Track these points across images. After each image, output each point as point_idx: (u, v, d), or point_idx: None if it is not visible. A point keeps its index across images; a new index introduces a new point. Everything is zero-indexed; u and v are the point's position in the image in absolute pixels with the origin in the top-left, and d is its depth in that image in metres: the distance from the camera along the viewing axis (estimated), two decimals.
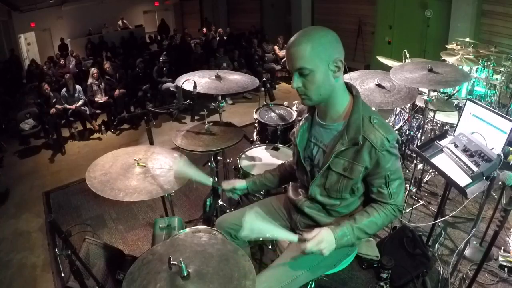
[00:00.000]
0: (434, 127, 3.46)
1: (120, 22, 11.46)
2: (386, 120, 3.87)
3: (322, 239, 1.29)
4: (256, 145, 2.67)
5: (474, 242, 2.52)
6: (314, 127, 1.45)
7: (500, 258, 2.35)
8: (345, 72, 1.35)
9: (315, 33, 1.25)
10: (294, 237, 1.32)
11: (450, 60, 3.93)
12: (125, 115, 5.50)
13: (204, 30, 10.02)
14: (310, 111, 1.48)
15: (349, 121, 1.31)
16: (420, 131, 3.19)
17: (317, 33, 1.25)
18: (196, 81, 2.40)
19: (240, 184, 1.73)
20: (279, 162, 2.37)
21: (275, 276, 1.43)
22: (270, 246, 2.50)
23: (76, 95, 5.31)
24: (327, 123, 1.39)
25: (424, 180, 3.30)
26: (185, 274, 1.18)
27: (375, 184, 1.36)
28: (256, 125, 2.85)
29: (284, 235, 1.32)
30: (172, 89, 5.79)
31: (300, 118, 1.54)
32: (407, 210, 2.87)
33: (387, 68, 2.97)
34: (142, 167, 1.86)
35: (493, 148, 1.94)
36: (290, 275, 1.43)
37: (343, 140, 1.31)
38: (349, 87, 1.38)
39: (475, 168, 1.83)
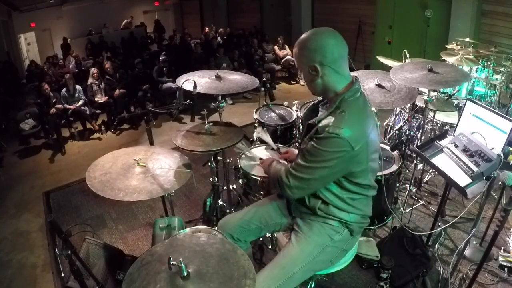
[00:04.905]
0: (434, 127, 3.45)
1: (129, 20, 11.51)
2: (386, 121, 3.93)
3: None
4: (256, 145, 2.67)
5: (474, 242, 2.52)
6: None
7: (500, 258, 2.35)
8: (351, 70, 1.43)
9: (305, 37, 1.38)
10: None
11: (450, 60, 3.93)
12: (125, 115, 5.50)
13: (207, 29, 10.01)
14: None
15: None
16: (420, 131, 3.18)
17: (307, 37, 1.38)
18: (196, 81, 2.40)
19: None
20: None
21: (271, 275, 1.46)
22: (270, 246, 2.51)
23: (76, 95, 5.32)
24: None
25: (424, 180, 3.30)
26: (185, 274, 1.18)
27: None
28: (256, 125, 2.85)
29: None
30: (174, 87, 5.78)
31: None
32: (407, 210, 2.87)
33: (387, 68, 2.97)
34: (142, 167, 1.86)
35: (493, 148, 1.93)
36: (286, 273, 1.46)
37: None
38: (351, 83, 1.39)
39: (475, 168, 1.83)
